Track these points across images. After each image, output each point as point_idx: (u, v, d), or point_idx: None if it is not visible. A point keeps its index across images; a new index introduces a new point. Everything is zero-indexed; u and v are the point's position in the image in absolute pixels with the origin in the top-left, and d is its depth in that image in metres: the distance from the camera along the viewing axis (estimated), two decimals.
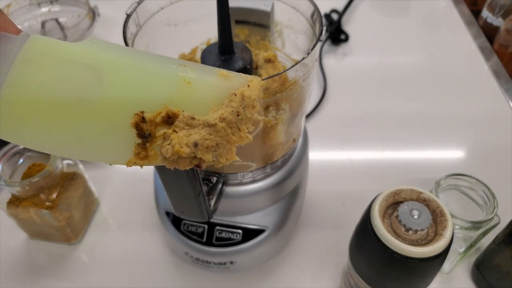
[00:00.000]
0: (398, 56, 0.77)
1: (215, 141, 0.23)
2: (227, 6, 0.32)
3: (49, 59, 0.23)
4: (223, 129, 0.23)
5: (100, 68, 0.23)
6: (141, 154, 0.24)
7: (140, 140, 0.24)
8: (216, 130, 0.23)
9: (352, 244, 0.38)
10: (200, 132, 0.23)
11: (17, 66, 0.23)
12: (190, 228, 0.44)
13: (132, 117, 0.23)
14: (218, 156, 0.24)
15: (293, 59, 0.44)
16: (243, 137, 0.24)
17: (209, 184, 0.40)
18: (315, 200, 0.54)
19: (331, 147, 0.61)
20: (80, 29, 0.76)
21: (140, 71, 0.24)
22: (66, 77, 0.23)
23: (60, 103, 0.23)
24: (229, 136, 0.24)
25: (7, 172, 0.46)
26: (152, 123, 0.23)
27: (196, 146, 0.23)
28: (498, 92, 0.68)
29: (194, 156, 0.23)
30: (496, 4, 0.76)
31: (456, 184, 0.46)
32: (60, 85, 0.23)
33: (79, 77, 0.23)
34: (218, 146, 0.23)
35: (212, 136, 0.23)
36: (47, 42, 0.23)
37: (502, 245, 0.42)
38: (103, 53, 0.24)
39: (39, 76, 0.23)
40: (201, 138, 0.23)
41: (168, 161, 0.24)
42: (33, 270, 0.49)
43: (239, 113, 0.23)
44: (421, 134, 0.63)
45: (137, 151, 0.24)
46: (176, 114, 0.23)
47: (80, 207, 0.50)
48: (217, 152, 0.24)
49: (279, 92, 0.33)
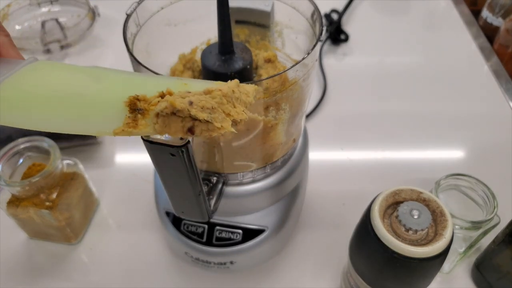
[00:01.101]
0: (398, 56, 0.77)
1: (211, 104, 0.23)
2: (227, 6, 0.32)
3: (52, 68, 0.25)
4: (219, 96, 0.23)
5: (99, 75, 0.25)
6: (130, 124, 0.23)
7: (132, 115, 0.23)
8: (212, 96, 0.23)
9: (352, 244, 0.38)
10: (196, 96, 0.23)
11: (21, 71, 0.25)
12: (190, 228, 0.44)
13: (127, 98, 0.23)
14: (213, 119, 0.23)
15: (293, 59, 0.44)
16: (239, 112, 0.24)
17: (209, 184, 0.40)
18: (315, 200, 0.54)
19: (331, 147, 0.61)
20: (80, 29, 0.76)
21: (139, 80, 0.25)
22: (66, 78, 0.24)
23: (58, 96, 0.24)
24: (224, 106, 0.23)
25: (7, 172, 0.46)
26: (146, 102, 0.23)
27: (191, 104, 0.22)
28: (498, 92, 0.68)
29: (189, 115, 0.22)
30: (496, 4, 0.76)
31: (456, 184, 0.46)
32: (60, 85, 0.24)
33: (79, 79, 0.24)
34: (214, 110, 0.23)
35: (208, 99, 0.23)
36: (53, 62, 0.26)
37: (502, 245, 0.42)
38: (104, 70, 0.25)
39: (40, 76, 0.24)
40: (197, 99, 0.23)
41: (159, 124, 0.23)
42: (33, 270, 0.49)
43: (234, 91, 0.23)
44: (421, 134, 0.63)
45: (127, 122, 0.23)
46: (170, 92, 0.23)
47: (80, 207, 0.50)
48: (212, 116, 0.23)
49: (279, 92, 0.33)
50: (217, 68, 0.35)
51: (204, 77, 0.37)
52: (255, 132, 0.35)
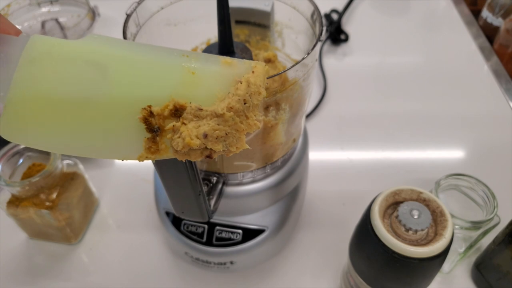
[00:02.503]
0: (398, 56, 0.77)
1: (224, 131, 0.23)
2: (227, 6, 0.32)
3: (51, 59, 0.23)
4: (231, 118, 0.23)
5: (103, 64, 0.23)
6: (152, 148, 0.24)
7: (149, 135, 0.24)
8: (225, 120, 0.23)
9: (352, 244, 0.38)
10: (209, 123, 0.23)
11: (21, 68, 0.23)
12: (190, 228, 0.44)
13: (139, 112, 0.23)
14: (228, 145, 0.24)
15: (293, 59, 0.44)
16: (251, 124, 0.24)
17: (209, 184, 0.40)
18: (315, 200, 0.54)
19: (331, 147, 0.61)
20: (80, 29, 0.76)
21: (143, 64, 0.24)
22: (70, 76, 0.23)
23: (66, 104, 0.23)
24: (237, 125, 0.24)
25: (7, 172, 0.46)
26: (160, 117, 0.23)
27: (206, 137, 0.23)
28: (498, 92, 0.68)
29: (205, 147, 0.23)
30: (496, 4, 0.76)
31: (456, 184, 0.46)
32: (64, 86, 0.23)
33: (83, 75, 0.23)
34: (228, 135, 0.23)
35: (221, 126, 0.23)
36: (49, 41, 0.23)
37: (502, 245, 0.42)
38: (104, 48, 0.24)
39: (43, 76, 0.23)
40: (211, 129, 0.23)
41: (179, 153, 0.24)
42: (33, 270, 0.49)
43: (245, 101, 0.23)
44: (421, 134, 0.63)
45: (148, 146, 0.24)
46: (183, 106, 0.23)
47: (80, 207, 0.50)
48: (227, 142, 0.24)
49: (279, 92, 0.33)
50: None
51: None
52: (255, 132, 0.35)
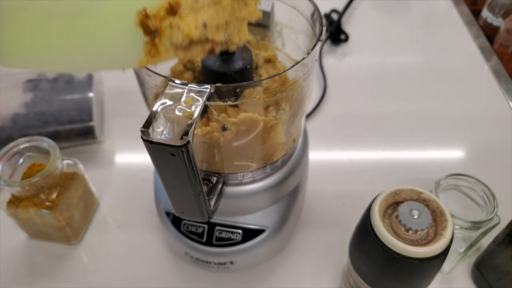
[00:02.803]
0: (398, 56, 0.77)
1: (223, 19, 0.22)
2: None
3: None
4: (230, 5, 0.22)
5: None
6: (151, 51, 0.23)
7: (148, 38, 0.23)
8: (223, 7, 0.22)
9: (352, 244, 0.38)
10: (207, 12, 0.22)
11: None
12: (190, 228, 0.44)
13: (135, 16, 0.22)
14: (230, 35, 0.23)
15: (293, 59, 0.44)
16: (252, 12, 0.23)
17: (209, 184, 0.40)
18: (315, 200, 0.54)
19: (331, 147, 0.61)
20: None
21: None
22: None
23: (61, 16, 0.23)
24: (237, 13, 0.23)
25: (7, 172, 0.46)
26: (156, 18, 0.22)
27: (205, 27, 0.22)
28: (498, 92, 0.68)
29: (206, 39, 0.22)
30: (496, 4, 0.76)
31: (456, 184, 0.46)
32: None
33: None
34: (228, 24, 0.23)
35: (219, 15, 0.22)
36: None
37: (502, 245, 0.42)
38: None
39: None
40: (209, 18, 0.22)
41: (180, 51, 0.23)
42: (33, 270, 0.49)
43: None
44: (421, 134, 0.63)
45: (147, 49, 0.23)
46: (178, 3, 0.22)
47: (80, 207, 0.50)
48: (228, 31, 0.23)
49: (279, 92, 0.33)
50: (217, 68, 0.35)
51: (205, 78, 0.36)
52: (255, 132, 0.35)
